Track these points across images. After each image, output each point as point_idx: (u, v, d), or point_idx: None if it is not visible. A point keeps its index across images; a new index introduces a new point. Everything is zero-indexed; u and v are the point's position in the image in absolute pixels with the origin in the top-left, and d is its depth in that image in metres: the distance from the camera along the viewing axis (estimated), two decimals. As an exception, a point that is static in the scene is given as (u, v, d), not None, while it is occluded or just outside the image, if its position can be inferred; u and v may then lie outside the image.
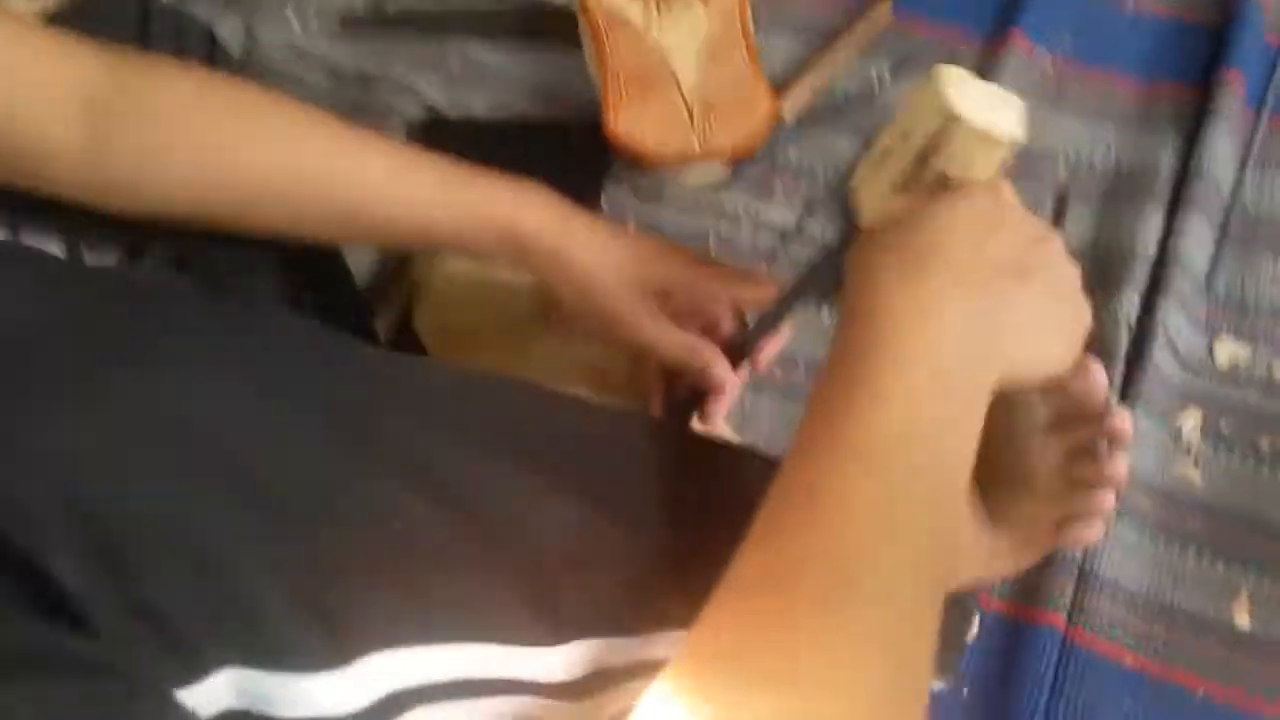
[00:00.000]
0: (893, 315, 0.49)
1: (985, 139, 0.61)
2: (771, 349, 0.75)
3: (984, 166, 0.63)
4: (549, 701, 0.48)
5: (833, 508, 0.45)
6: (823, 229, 0.90)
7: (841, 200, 0.91)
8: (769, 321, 0.73)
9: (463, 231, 0.69)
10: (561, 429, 0.56)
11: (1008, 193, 0.57)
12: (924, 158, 0.63)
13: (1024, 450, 0.61)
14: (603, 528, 0.52)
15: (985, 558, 0.63)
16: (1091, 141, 0.93)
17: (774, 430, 0.84)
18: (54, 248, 0.68)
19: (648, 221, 0.93)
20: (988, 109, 0.61)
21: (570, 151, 0.96)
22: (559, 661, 0.48)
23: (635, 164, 0.92)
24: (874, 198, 0.67)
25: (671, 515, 0.56)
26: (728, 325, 0.74)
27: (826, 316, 0.87)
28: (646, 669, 0.51)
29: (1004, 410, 0.54)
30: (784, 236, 0.91)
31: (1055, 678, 0.72)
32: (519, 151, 0.96)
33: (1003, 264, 0.52)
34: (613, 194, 0.94)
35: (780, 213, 0.91)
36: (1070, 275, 0.55)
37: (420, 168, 0.69)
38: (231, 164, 0.65)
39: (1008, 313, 0.51)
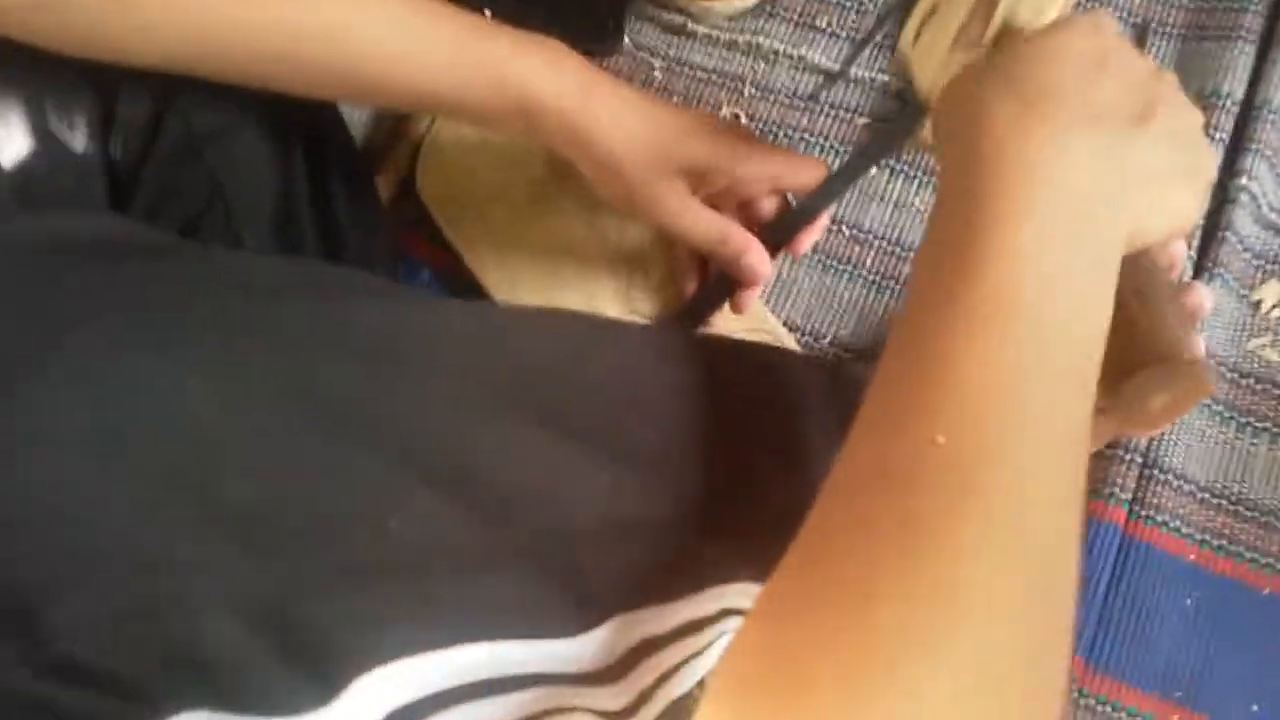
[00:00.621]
0: (1010, 159, 0.42)
1: None
2: (813, 234, 0.68)
3: (1054, 6, 0.55)
4: (583, 687, 0.43)
5: (948, 389, 0.38)
6: (870, 70, 0.81)
7: (891, 39, 0.81)
8: (812, 206, 0.66)
9: (467, 96, 0.61)
10: (587, 371, 0.50)
11: (1110, 24, 0.49)
12: (983, 7, 0.55)
13: (1159, 317, 0.53)
14: (635, 488, 0.47)
15: None
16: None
17: (813, 304, 0.77)
18: (15, 111, 0.61)
19: (675, 60, 0.83)
20: None
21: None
22: (589, 647, 0.43)
23: (660, -8, 0.82)
24: (931, 59, 0.59)
25: (711, 454, 0.50)
26: (768, 207, 0.67)
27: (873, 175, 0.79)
28: (693, 628, 0.47)
29: (1129, 275, 0.47)
30: (828, 78, 0.81)
31: (1113, 574, 0.68)
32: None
33: (1121, 104, 0.44)
34: (635, 28, 0.84)
35: (824, 50, 0.82)
36: (1192, 118, 0.49)
37: (426, 20, 0.60)
38: (211, 11, 0.57)
39: (1133, 158, 0.44)
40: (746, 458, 0.52)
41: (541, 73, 0.61)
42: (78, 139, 0.63)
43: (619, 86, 0.63)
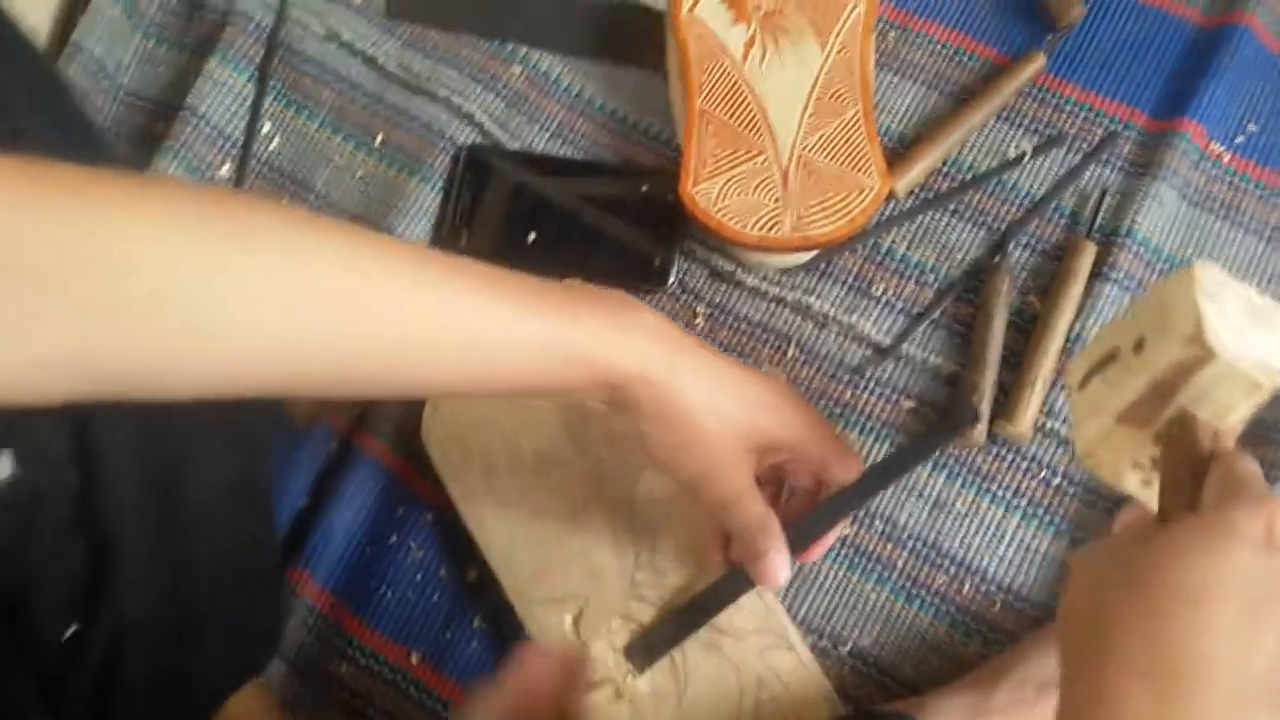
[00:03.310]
0: None
1: (1247, 382, 0.45)
2: (825, 543, 0.63)
3: (1240, 411, 0.47)
4: None
5: None
6: (923, 349, 0.75)
7: (948, 318, 0.76)
8: (832, 513, 0.61)
9: (536, 373, 0.53)
10: None
11: None
12: (1164, 386, 0.47)
13: None
14: None
15: None
16: (1274, 267, 0.76)
17: (835, 603, 0.71)
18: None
19: (719, 307, 0.78)
20: (1251, 332, 0.45)
21: (640, 206, 0.81)
22: None
23: (712, 235, 0.78)
24: (1094, 417, 0.50)
25: None
26: (806, 492, 0.63)
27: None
28: None
29: None
30: (878, 352, 0.76)
31: None
32: (577, 200, 0.82)
33: (1272, 673, 0.40)
34: (683, 269, 0.80)
35: (876, 321, 0.77)
36: None
37: (477, 299, 0.51)
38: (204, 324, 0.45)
39: None
40: None
41: (625, 341, 0.54)
42: None
43: (696, 351, 0.56)
